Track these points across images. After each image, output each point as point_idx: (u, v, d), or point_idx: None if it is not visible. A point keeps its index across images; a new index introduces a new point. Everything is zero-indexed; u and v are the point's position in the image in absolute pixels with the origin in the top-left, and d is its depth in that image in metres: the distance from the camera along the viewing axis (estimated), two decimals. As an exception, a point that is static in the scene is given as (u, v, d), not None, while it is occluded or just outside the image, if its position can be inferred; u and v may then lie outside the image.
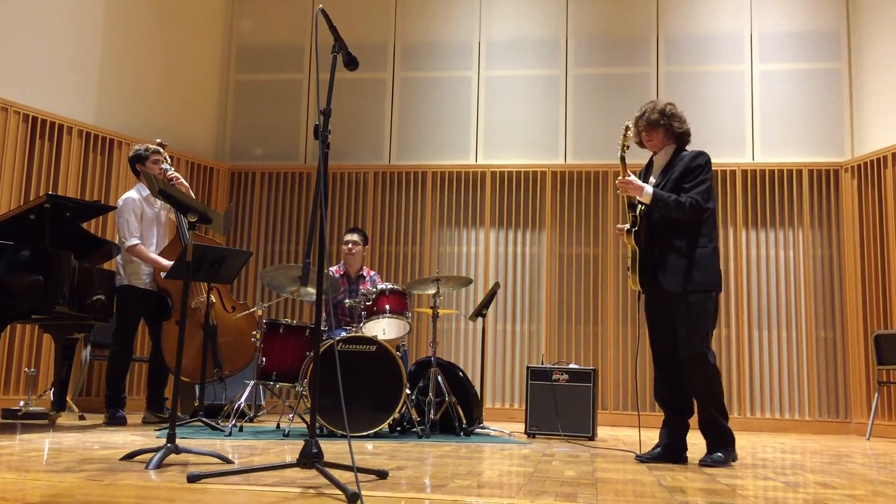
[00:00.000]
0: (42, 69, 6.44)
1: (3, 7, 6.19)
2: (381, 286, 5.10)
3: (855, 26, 7.36)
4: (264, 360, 4.84)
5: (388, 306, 5.00)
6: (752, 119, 7.42)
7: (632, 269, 3.76)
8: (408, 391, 4.72)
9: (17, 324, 5.74)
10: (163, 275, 5.10)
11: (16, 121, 6.16)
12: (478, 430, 5.14)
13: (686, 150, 3.86)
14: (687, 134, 3.87)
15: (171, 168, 5.43)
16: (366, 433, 4.51)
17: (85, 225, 5.07)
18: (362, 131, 7.88)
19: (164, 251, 5.30)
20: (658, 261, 3.72)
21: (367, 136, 7.88)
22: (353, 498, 2.15)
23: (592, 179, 7.54)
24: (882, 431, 6.52)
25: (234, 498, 2.22)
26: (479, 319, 5.53)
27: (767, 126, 7.40)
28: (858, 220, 7.04)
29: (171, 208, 5.33)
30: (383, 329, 5.00)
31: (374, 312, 5.00)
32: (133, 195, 5.30)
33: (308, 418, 3.21)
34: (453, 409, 4.94)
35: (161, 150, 5.43)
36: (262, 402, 6.22)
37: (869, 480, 3.20)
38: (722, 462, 3.56)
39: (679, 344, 3.66)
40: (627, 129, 3.87)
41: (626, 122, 3.90)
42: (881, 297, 6.74)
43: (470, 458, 3.62)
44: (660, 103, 3.87)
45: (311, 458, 2.47)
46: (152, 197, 5.17)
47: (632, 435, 5.52)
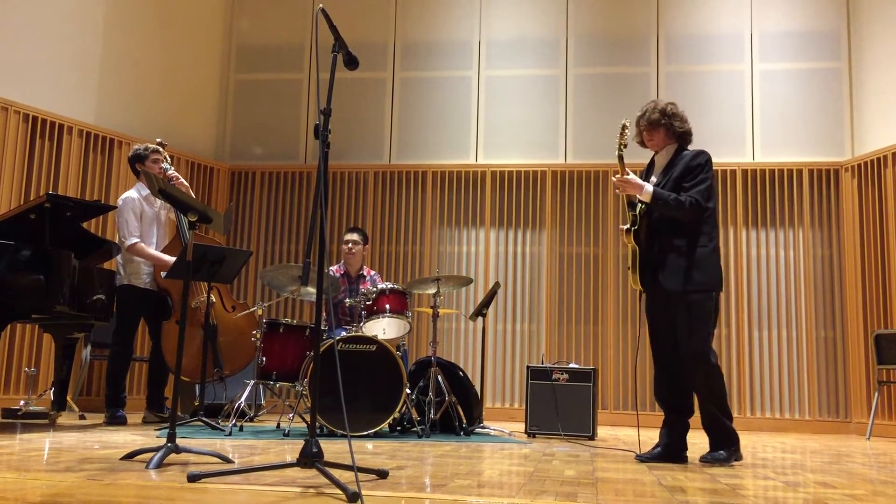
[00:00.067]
0: (42, 69, 6.44)
1: (3, 7, 6.19)
2: (381, 286, 5.10)
3: (855, 26, 7.36)
4: (264, 359, 4.84)
5: (388, 306, 5.00)
6: (753, 119, 7.42)
7: (632, 269, 3.76)
8: (408, 391, 4.72)
9: (17, 323, 5.74)
10: (163, 274, 5.09)
11: (16, 120, 6.16)
12: (478, 430, 5.14)
13: (688, 149, 3.86)
14: (688, 133, 3.87)
15: (170, 167, 5.43)
16: (366, 433, 4.51)
17: (85, 224, 5.07)
18: (362, 131, 7.88)
19: (164, 250, 5.29)
20: (658, 260, 3.72)
21: (367, 136, 7.88)
22: (354, 497, 2.15)
23: (592, 179, 7.54)
24: (882, 431, 6.52)
25: (235, 497, 2.22)
26: (480, 319, 5.53)
27: (767, 126, 7.40)
28: (858, 219, 7.04)
29: (171, 208, 5.33)
30: (383, 329, 5.00)
31: (374, 312, 5.00)
32: (133, 194, 5.30)
33: (308, 418, 3.21)
34: (453, 408, 4.94)
35: (161, 149, 5.43)
36: (263, 402, 6.22)
37: (869, 480, 3.20)
38: (723, 460, 3.56)
39: (680, 343, 3.66)
40: (624, 127, 3.86)
41: (623, 121, 3.89)
42: (881, 297, 6.74)
43: (470, 457, 3.62)
44: (661, 103, 3.87)
45: (311, 458, 2.47)
46: (152, 196, 5.17)
47: (632, 434, 5.52)
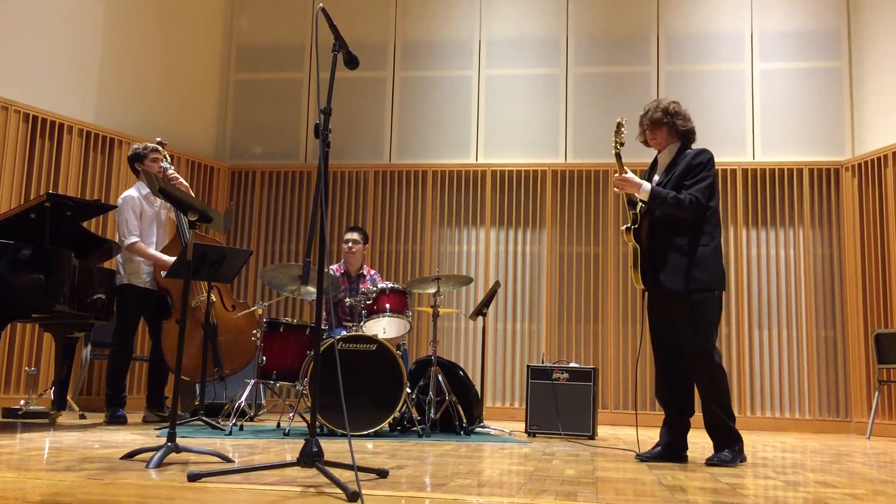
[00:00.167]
0: (42, 68, 6.44)
1: (4, 7, 6.19)
2: (381, 285, 5.10)
3: (855, 25, 7.35)
4: (264, 359, 4.84)
5: (388, 305, 5.00)
6: (753, 118, 7.42)
7: (633, 267, 3.76)
8: (408, 390, 4.72)
9: (17, 323, 5.74)
10: (163, 273, 5.09)
11: (16, 120, 6.16)
12: (478, 429, 5.14)
13: (691, 148, 3.86)
14: (691, 132, 3.86)
15: (170, 167, 5.43)
16: (366, 432, 4.51)
17: (85, 224, 5.07)
18: (363, 130, 7.87)
19: (164, 250, 5.28)
20: (659, 259, 3.71)
21: (367, 135, 7.88)
22: (354, 497, 2.15)
23: (593, 178, 7.54)
24: (882, 430, 6.52)
25: (235, 497, 2.22)
26: (480, 318, 5.53)
27: (768, 125, 7.40)
28: (859, 219, 7.03)
29: (171, 207, 5.33)
30: (383, 328, 5.00)
31: (374, 311, 4.99)
32: (132, 193, 5.30)
33: (308, 417, 3.21)
34: (453, 408, 4.94)
35: (160, 148, 5.42)
36: (263, 401, 6.22)
37: (869, 479, 3.20)
38: (729, 461, 3.53)
39: (683, 343, 3.66)
40: (620, 125, 3.84)
41: (618, 119, 3.87)
42: (881, 296, 6.74)
43: (470, 457, 3.62)
44: (663, 101, 3.86)
45: (311, 457, 2.47)
46: (152, 195, 5.17)
47: (632, 434, 5.51)
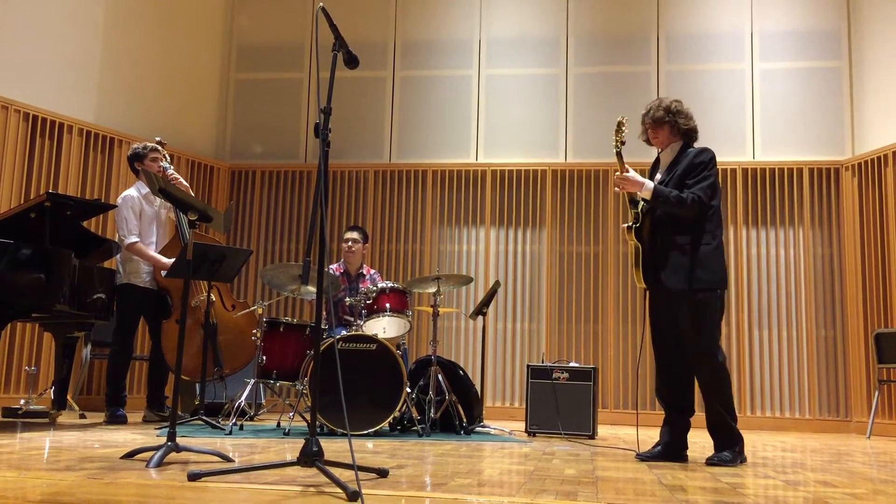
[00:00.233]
0: (42, 68, 6.44)
1: (4, 6, 6.19)
2: (381, 284, 5.10)
3: (855, 25, 7.35)
4: (265, 358, 4.84)
5: (388, 305, 5.00)
6: (753, 117, 7.42)
7: (635, 266, 3.76)
8: (408, 390, 4.72)
9: (17, 322, 5.74)
10: (163, 273, 5.09)
11: (16, 119, 6.16)
12: (478, 429, 5.14)
13: (693, 146, 3.85)
14: (693, 131, 3.85)
15: (170, 167, 5.42)
16: (366, 432, 4.51)
17: (85, 223, 5.07)
18: (362, 130, 7.87)
19: (163, 249, 5.28)
20: (660, 258, 3.70)
21: (367, 135, 7.87)
22: (354, 496, 2.15)
23: (593, 178, 7.54)
24: (882, 430, 6.52)
25: (235, 496, 2.22)
26: (480, 318, 5.53)
27: (768, 124, 7.40)
28: (859, 218, 7.03)
29: (171, 207, 5.32)
30: (383, 327, 5.00)
31: (374, 311, 4.99)
32: (132, 193, 5.29)
33: (308, 417, 3.21)
34: (454, 407, 4.94)
35: (160, 148, 5.42)
36: (263, 401, 6.22)
37: (869, 479, 3.20)
38: (729, 462, 3.53)
39: (685, 342, 3.65)
40: (621, 124, 3.84)
41: (619, 118, 3.87)
42: (882, 296, 6.74)
43: (470, 456, 3.62)
44: (665, 100, 3.85)
45: (311, 457, 2.47)
46: (152, 195, 5.16)
47: (632, 433, 5.51)
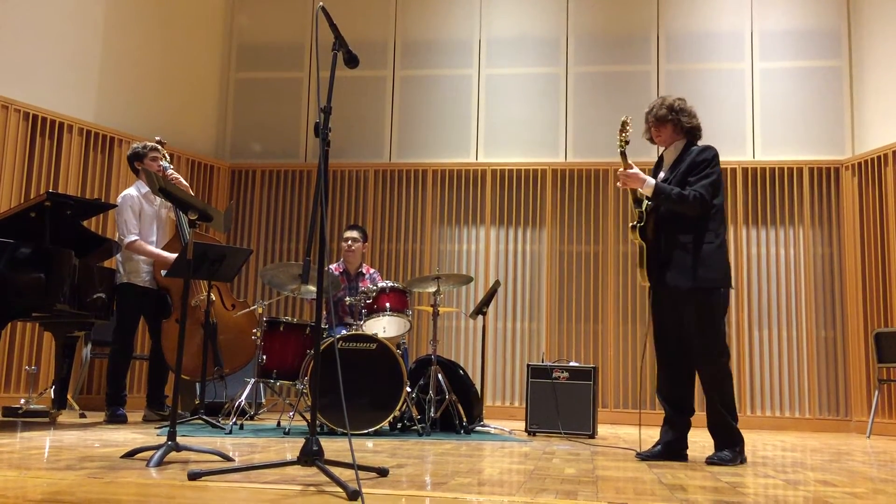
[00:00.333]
0: (42, 67, 6.43)
1: (3, 7, 6.19)
2: (381, 284, 5.10)
3: (855, 24, 7.35)
4: (265, 358, 4.84)
5: (388, 304, 5.00)
6: (753, 117, 7.42)
7: (640, 265, 3.76)
8: (408, 389, 4.72)
9: (17, 322, 5.74)
10: (163, 272, 5.09)
11: (16, 119, 6.16)
12: (478, 428, 5.14)
13: (697, 145, 3.85)
14: (697, 129, 3.84)
15: (170, 166, 5.42)
16: (366, 431, 4.51)
17: (85, 223, 5.07)
18: (363, 129, 7.87)
19: (164, 249, 5.27)
20: (664, 257, 3.70)
21: (367, 134, 7.87)
22: (354, 496, 2.15)
23: (593, 177, 7.54)
24: (882, 429, 6.52)
25: (235, 495, 2.22)
26: (480, 317, 5.53)
27: (768, 124, 7.40)
28: (859, 218, 7.03)
29: (171, 207, 5.32)
30: (384, 327, 5.00)
31: (374, 310, 4.99)
32: (132, 192, 5.29)
33: (308, 416, 3.21)
34: (454, 406, 4.94)
35: (160, 147, 5.42)
36: (263, 400, 6.22)
37: (869, 478, 3.20)
38: (729, 461, 3.53)
39: (690, 341, 3.65)
40: (625, 123, 3.83)
41: (623, 118, 3.86)
42: (882, 295, 6.74)
43: (470, 455, 3.62)
44: (668, 98, 3.84)
45: (311, 456, 2.47)
46: (152, 194, 5.17)
47: (632, 433, 5.52)
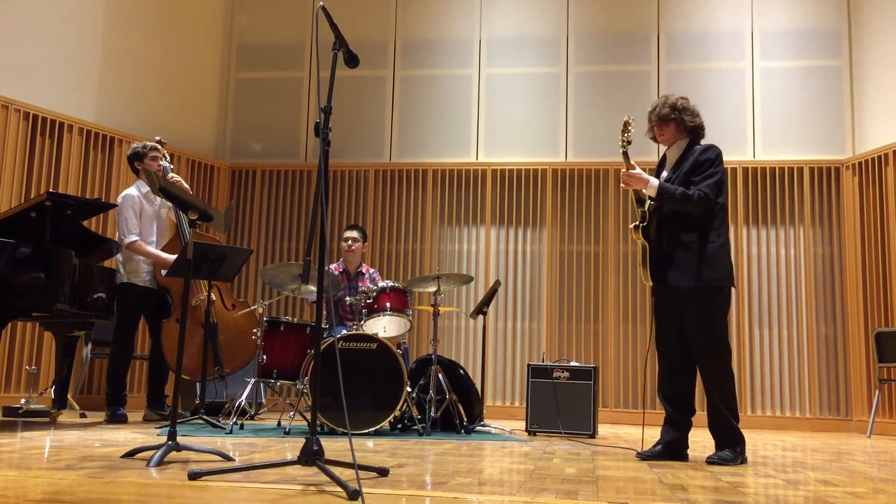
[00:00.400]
0: (42, 67, 6.43)
1: (3, 7, 6.19)
2: (381, 284, 5.10)
3: (856, 24, 7.34)
4: (265, 357, 4.84)
5: (388, 304, 5.00)
6: (753, 116, 7.42)
7: (643, 265, 3.76)
8: (408, 389, 4.72)
9: (17, 321, 5.74)
10: (163, 272, 5.09)
11: (16, 119, 6.16)
12: (478, 428, 5.14)
13: (700, 144, 3.84)
14: (700, 128, 3.83)
15: (170, 167, 5.42)
16: (367, 431, 4.51)
17: (85, 223, 5.07)
18: (363, 129, 7.87)
19: (164, 249, 5.27)
20: (666, 256, 3.70)
21: (367, 134, 7.87)
22: (354, 495, 2.15)
23: (593, 177, 7.53)
24: (883, 429, 6.52)
25: (235, 495, 2.22)
26: (480, 317, 5.52)
27: (768, 123, 7.39)
28: (859, 217, 7.03)
29: (171, 206, 5.32)
30: (384, 327, 5.00)
31: (374, 310, 4.99)
32: (132, 192, 5.29)
33: (309, 416, 3.21)
34: (454, 406, 4.94)
35: (159, 147, 5.42)
36: (263, 400, 6.22)
37: (870, 478, 3.19)
38: (729, 460, 3.52)
39: (692, 340, 3.65)
40: (627, 123, 3.83)
41: (626, 118, 3.86)
42: (882, 295, 6.74)
43: (471, 455, 3.62)
44: (671, 97, 3.84)
45: (312, 456, 2.47)
46: (152, 194, 5.16)
47: (632, 433, 5.52)
